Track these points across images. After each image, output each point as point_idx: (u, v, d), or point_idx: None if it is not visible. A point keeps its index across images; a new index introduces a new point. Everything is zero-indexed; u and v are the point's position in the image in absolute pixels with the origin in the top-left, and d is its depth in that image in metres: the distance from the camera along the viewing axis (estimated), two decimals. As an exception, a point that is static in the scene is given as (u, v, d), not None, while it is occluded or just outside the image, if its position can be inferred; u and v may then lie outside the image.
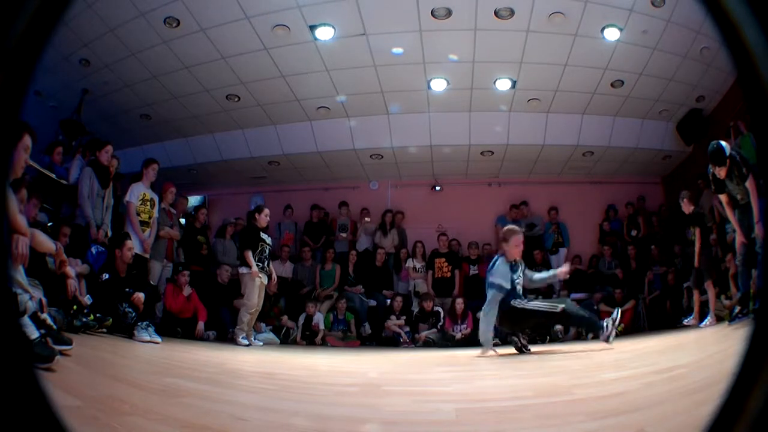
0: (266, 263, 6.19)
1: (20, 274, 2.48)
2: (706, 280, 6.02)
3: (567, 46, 6.53)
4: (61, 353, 2.28)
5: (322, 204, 9.48)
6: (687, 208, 6.24)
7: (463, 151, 8.75)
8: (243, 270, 6.14)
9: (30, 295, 2.49)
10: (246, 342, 5.89)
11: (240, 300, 6.23)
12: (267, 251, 6.23)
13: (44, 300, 2.99)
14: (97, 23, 6.02)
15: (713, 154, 4.64)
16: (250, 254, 6.03)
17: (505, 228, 4.71)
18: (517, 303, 4.39)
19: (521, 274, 4.55)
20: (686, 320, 6.36)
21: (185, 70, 6.98)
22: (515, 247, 4.46)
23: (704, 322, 6.12)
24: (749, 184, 4.53)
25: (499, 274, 4.38)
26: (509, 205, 9.50)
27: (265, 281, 6.18)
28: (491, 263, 4.59)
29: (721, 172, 4.70)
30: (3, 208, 0.80)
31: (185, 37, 6.35)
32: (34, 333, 2.19)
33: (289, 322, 7.49)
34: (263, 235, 6.24)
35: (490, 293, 4.38)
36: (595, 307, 7.86)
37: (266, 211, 6.40)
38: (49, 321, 2.80)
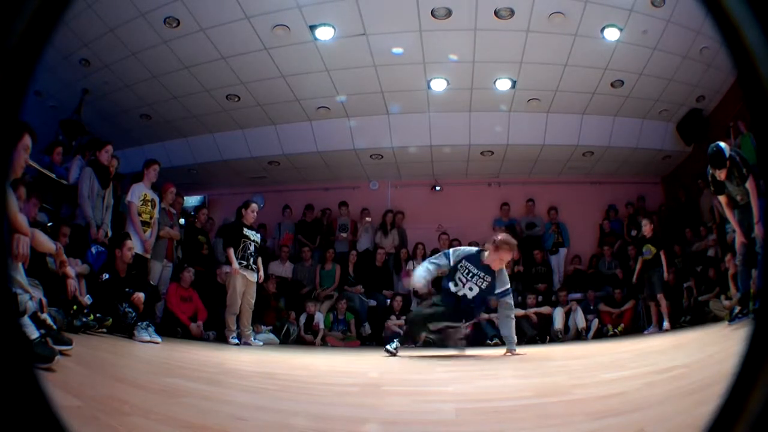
0: (251, 260, 6.06)
1: (20, 274, 2.47)
2: (657, 294, 6.88)
3: (567, 46, 6.54)
4: (61, 353, 2.29)
5: (320, 204, 9.49)
6: (647, 231, 7.05)
7: (463, 151, 8.75)
8: (226, 268, 6.07)
9: (30, 295, 2.49)
10: (236, 341, 5.86)
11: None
12: (252, 248, 6.09)
13: (44, 300, 2.99)
14: (97, 23, 6.02)
15: (713, 156, 4.63)
16: (231, 252, 5.92)
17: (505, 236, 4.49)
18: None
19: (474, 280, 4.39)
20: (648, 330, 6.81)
21: (185, 70, 6.98)
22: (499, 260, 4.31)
23: (648, 330, 6.84)
24: (749, 184, 4.52)
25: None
26: (500, 204, 9.52)
27: (252, 278, 6.07)
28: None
29: (720, 175, 4.70)
30: (3, 208, 0.80)
31: (185, 37, 6.36)
32: (34, 333, 2.19)
33: (293, 320, 7.49)
34: (248, 232, 6.11)
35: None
36: (592, 307, 7.86)
37: (253, 206, 6.25)
38: (49, 321, 2.80)
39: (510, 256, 4.43)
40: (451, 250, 4.56)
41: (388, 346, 4.47)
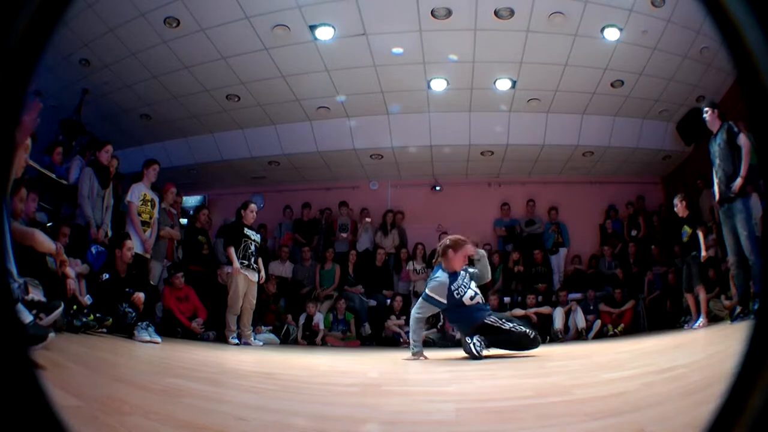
0: (252, 260, 6.08)
1: (9, 262, 2.42)
2: (696, 286, 6.13)
3: (567, 46, 6.54)
4: (55, 332, 2.30)
5: (320, 203, 9.50)
6: (681, 210, 6.27)
7: (463, 151, 8.75)
8: (227, 269, 6.08)
9: (17, 283, 2.48)
10: (236, 341, 5.86)
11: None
12: (252, 248, 6.11)
13: (27, 282, 2.95)
14: (97, 23, 6.02)
15: (709, 101, 5.14)
16: (232, 251, 5.94)
17: (454, 237, 4.18)
18: (491, 320, 3.99)
19: (466, 279, 4.10)
20: (694, 325, 6.14)
21: (185, 70, 6.99)
22: (463, 258, 4.09)
23: (696, 324, 6.13)
24: (741, 140, 4.70)
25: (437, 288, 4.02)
26: (500, 204, 9.52)
27: (253, 278, 6.08)
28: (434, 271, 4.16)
29: (714, 122, 4.98)
30: (3, 207, 0.80)
31: (185, 37, 6.36)
32: (27, 317, 2.20)
33: (291, 322, 7.50)
34: (248, 232, 6.13)
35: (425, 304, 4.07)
36: (592, 307, 7.86)
37: (252, 206, 6.28)
38: (36, 297, 2.78)
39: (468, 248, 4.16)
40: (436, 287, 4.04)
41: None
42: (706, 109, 5.13)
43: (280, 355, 5.02)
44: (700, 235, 6.02)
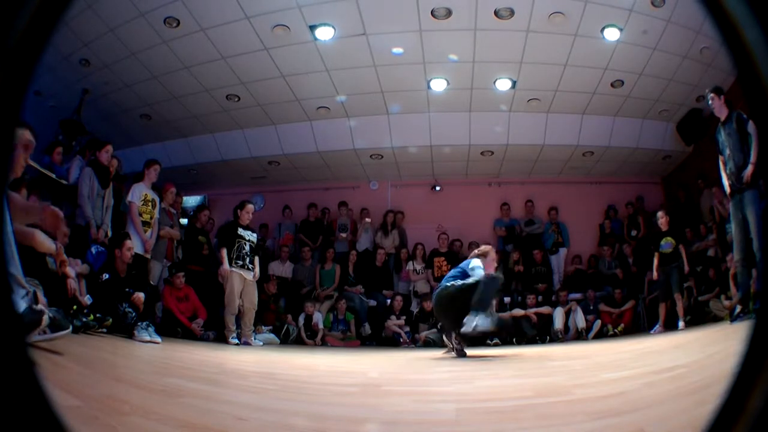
0: (247, 260, 6.07)
1: (14, 265, 2.41)
2: (675, 293, 6.41)
3: (567, 46, 6.54)
4: (50, 317, 2.30)
5: (320, 204, 9.49)
6: (664, 224, 6.65)
7: (463, 151, 8.75)
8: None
9: (24, 290, 2.47)
10: (236, 341, 5.87)
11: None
12: (247, 248, 6.10)
13: (36, 291, 2.95)
14: (97, 23, 6.02)
15: (715, 87, 4.93)
16: (224, 252, 5.96)
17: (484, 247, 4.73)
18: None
19: None
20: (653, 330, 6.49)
21: (185, 70, 6.99)
22: (492, 261, 4.56)
23: (654, 329, 6.46)
24: (751, 127, 4.49)
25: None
26: (500, 204, 9.52)
27: (248, 277, 6.07)
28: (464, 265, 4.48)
29: (721, 108, 4.84)
30: (3, 208, 0.80)
31: (185, 37, 6.36)
32: (22, 306, 2.21)
33: (291, 322, 7.50)
34: (242, 232, 6.13)
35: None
36: (591, 307, 7.86)
37: (249, 207, 6.28)
38: (47, 313, 2.77)
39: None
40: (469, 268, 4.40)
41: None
42: (711, 94, 4.87)
43: (280, 355, 5.02)
44: (683, 251, 6.46)
